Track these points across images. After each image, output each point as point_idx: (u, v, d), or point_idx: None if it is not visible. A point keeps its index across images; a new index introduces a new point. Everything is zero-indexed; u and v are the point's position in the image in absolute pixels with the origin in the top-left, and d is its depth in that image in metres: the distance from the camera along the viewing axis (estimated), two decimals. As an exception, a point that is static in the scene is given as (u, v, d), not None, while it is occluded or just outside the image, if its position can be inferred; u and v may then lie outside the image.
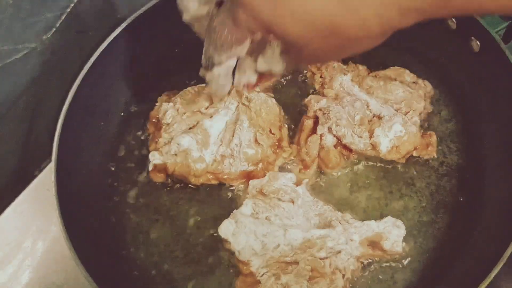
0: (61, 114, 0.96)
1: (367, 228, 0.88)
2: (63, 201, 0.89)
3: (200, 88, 1.05)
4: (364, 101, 0.99)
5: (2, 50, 0.94)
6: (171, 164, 0.97)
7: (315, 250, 0.85)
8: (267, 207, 0.91)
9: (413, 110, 0.98)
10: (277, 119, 1.01)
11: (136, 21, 1.06)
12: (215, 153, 0.97)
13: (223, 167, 0.97)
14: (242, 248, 0.87)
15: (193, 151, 0.96)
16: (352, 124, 0.96)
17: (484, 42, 0.97)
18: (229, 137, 0.98)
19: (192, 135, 0.97)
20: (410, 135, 0.94)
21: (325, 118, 0.98)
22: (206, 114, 1.01)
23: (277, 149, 0.99)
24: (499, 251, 0.79)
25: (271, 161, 0.98)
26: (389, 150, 0.94)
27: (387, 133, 0.94)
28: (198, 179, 0.98)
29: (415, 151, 0.97)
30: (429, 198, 0.96)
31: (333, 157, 0.97)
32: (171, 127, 1.00)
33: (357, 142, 0.95)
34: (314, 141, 0.97)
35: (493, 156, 0.97)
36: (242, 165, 0.97)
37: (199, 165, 0.96)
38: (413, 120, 0.97)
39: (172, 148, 0.97)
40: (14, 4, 0.92)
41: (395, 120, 0.94)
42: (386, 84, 1.01)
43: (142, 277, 0.95)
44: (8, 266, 1.04)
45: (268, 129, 0.99)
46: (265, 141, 0.97)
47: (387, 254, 0.89)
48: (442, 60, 1.08)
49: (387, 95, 1.00)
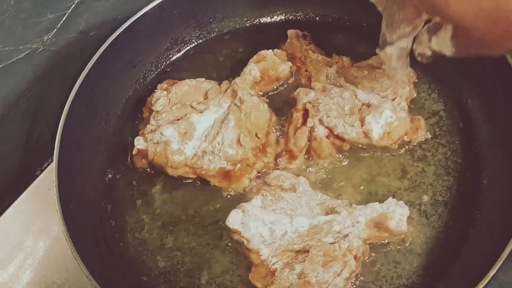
0: (63, 114, 0.96)
1: (371, 210, 0.90)
2: (64, 201, 0.90)
3: (197, 82, 1.06)
4: (352, 91, 1.00)
5: (4, 51, 0.95)
6: (151, 152, 0.98)
7: (322, 235, 0.87)
8: (273, 200, 0.93)
9: (399, 96, 1.00)
10: (265, 124, 1.00)
11: (137, 22, 1.06)
12: (196, 148, 0.98)
13: (202, 163, 0.97)
14: (251, 235, 0.88)
15: (173, 143, 0.97)
16: (343, 114, 0.98)
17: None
18: (214, 134, 0.98)
19: (176, 127, 0.98)
20: (401, 120, 0.96)
21: (314, 110, 0.99)
22: (196, 109, 1.02)
23: (259, 153, 0.99)
24: (498, 250, 0.80)
25: (250, 163, 0.98)
26: (382, 136, 0.96)
27: (378, 120, 0.95)
28: (176, 170, 0.98)
29: (406, 135, 0.99)
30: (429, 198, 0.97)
31: (325, 147, 0.98)
32: (159, 115, 1.01)
33: (349, 132, 0.97)
34: (302, 133, 0.99)
35: (492, 156, 0.97)
36: (221, 163, 0.97)
37: (177, 157, 0.96)
38: (401, 106, 0.99)
39: (155, 136, 0.98)
40: (15, 5, 0.92)
41: (385, 107, 0.96)
42: (370, 73, 1.03)
43: (142, 276, 0.95)
44: (10, 266, 1.05)
45: (254, 133, 0.99)
46: (247, 143, 0.97)
47: (393, 235, 0.90)
48: (441, 60, 1.08)
49: (372, 83, 1.02)
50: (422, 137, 1.01)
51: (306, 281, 0.83)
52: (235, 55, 1.16)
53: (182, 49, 1.19)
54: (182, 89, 1.04)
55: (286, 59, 1.08)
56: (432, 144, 1.01)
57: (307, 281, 0.83)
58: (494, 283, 0.82)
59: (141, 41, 1.11)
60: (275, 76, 1.07)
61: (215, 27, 1.20)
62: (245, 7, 1.19)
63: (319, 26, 1.16)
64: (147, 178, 1.04)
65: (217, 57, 1.17)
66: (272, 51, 1.07)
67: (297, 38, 1.11)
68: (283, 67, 1.07)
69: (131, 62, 1.13)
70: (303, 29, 1.14)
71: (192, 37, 1.19)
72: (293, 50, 1.10)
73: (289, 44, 1.11)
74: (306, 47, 1.09)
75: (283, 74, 1.08)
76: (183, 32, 1.18)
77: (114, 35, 1.04)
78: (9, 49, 0.95)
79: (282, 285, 0.84)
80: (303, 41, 1.10)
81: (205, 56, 1.18)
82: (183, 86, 1.05)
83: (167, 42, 1.17)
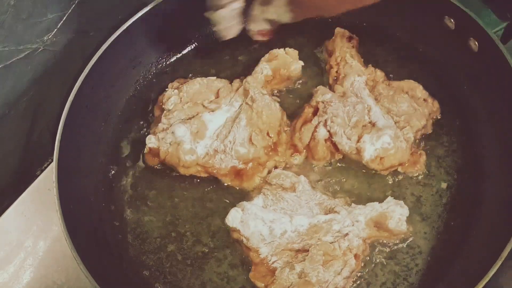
0: (63, 114, 0.97)
1: (371, 209, 0.90)
2: (64, 201, 0.90)
3: (209, 80, 1.05)
4: (368, 106, 0.99)
5: (4, 51, 0.95)
6: (163, 152, 0.99)
7: (322, 235, 0.87)
8: (274, 200, 0.93)
9: (410, 126, 0.97)
10: (277, 123, 1.00)
11: (137, 22, 1.06)
12: (208, 147, 0.98)
13: (214, 162, 0.97)
14: (251, 234, 0.88)
15: (185, 143, 0.97)
16: (346, 125, 0.97)
17: (482, 43, 0.97)
18: (226, 133, 0.99)
19: (188, 126, 0.98)
20: (398, 150, 0.94)
21: (323, 111, 0.99)
22: (208, 108, 1.02)
23: (271, 152, 0.99)
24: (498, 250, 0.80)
25: (262, 162, 0.98)
26: (373, 159, 0.94)
27: (374, 142, 0.93)
28: (187, 170, 0.99)
29: (400, 166, 0.97)
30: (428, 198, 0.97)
31: (320, 150, 0.98)
32: (171, 113, 1.01)
33: (343, 143, 0.96)
34: (307, 129, 0.99)
35: (492, 156, 0.97)
36: (233, 162, 0.97)
37: (189, 156, 0.97)
38: (407, 136, 0.96)
39: (167, 136, 0.98)
40: (15, 5, 0.92)
41: (386, 132, 0.94)
42: (394, 95, 1.00)
43: (142, 276, 0.95)
44: (10, 266, 1.05)
45: (266, 131, 0.99)
46: (259, 142, 0.97)
47: (393, 234, 0.90)
48: (441, 60, 1.09)
49: (391, 105, 0.99)
50: (418, 172, 0.98)
51: (307, 281, 0.83)
52: (235, 55, 1.16)
53: (183, 49, 1.19)
54: (193, 87, 1.04)
55: (297, 58, 1.07)
56: (432, 144, 1.01)
57: (307, 281, 0.83)
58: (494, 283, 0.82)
59: (141, 41, 1.11)
60: (287, 75, 1.07)
61: (215, 27, 1.20)
62: (245, 7, 1.19)
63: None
64: (147, 177, 1.04)
65: (217, 57, 1.17)
66: (283, 50, 1.07)
67: (342, 37, 1.09)
68: (295, 66, 1.07)
69: (131, 62, 1.13)
70: (303, 31, 1.14)
71: (192, 37, 1.19)
72: (333, 48, 1.08)
73: (332, 41, 1.09)
74: (346, 49, 1.07)
75: (294, 73, 1.08)
76: (183, 32, 1.18)
77: (114, 35, 1.04)
78: (9, 49, 0.95)
79: (283, 284, 0.84)
80: (346, 42, 1.08)
81: (205, 56, 1.18)
82: (194, 84, 1.05)
83: (168, 42, 1.17)
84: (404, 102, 0.99)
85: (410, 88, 1.03)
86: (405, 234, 0.91)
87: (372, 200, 0.93)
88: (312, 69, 1.11)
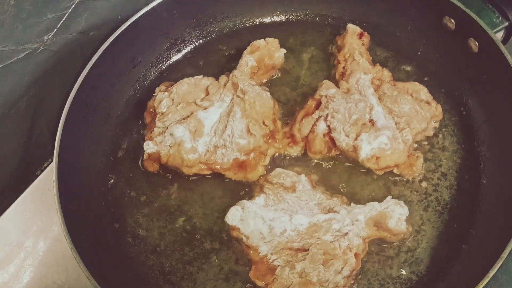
0: (63, 114, 0.96)
1: (370, 208, 0.90)
2: (64, 201, 0.90)
3: (196, 79, 1.06)
4: (370, 104, 0.99)
5: (4, 51, 0.95)
6: (164, 155, 0.98)
7: (322, 234, 0.87)
8: (275, 200, 0.93)
9: (410, 129, 0.97)
10: (270, 112, 1.02)
11: (137, 22, 1.06)
12: (208, 144, 0.98)
13: (216, 158, 0.98)
14: (250, 232, 0.88)
15: (186, 142, 0.97)
16: (346, 121, 0.97)
17: (482, 43, 0.97)
18: (222, 128, 0.99)
19: (186, 125, 0.98)
20: (395, 151, 0.94)
21: (325, 105, 0.99)
22: (200, 106, 1.02)
23: (270, 140, 1.00)
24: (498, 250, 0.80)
25: (263, 150, 0.99)
26: (369, 158, 0.94)
27: (371, 141, 0.94)
28: (191, 169, 0.99)
29: (396, 168, 0.97)
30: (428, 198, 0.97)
31: (317, 143, 0.98)
32: (165, 116, 1.01)
33: (341, 139, 0.96)
34: (308, 121, 1.00)
35: (492, 156, 0.97)
36: (235, 155, 0.98)
37: (191, 155, 0.97)
38: (405, 138, 0.96)
39: (166, 139, 0.98)
40: (15, 5, 0.92)
41: (384, 132, 0.94)
42: (398, 96, 1.00)
43: (142, 276, 0.95)
44: (10, 266, 1.05)
45: (262, 121, 1.00)
46: (257, 131, 0.98)
47: (392, 234, 0.90)
48: (441, 61, 1.09)
49: (393, 106, 0.99)
50: (413, 175, 0.98)
51: (308, 280, 0.83)
52: (236, 55, 1.16)
53: (182, 49, 1.19)
54: (182, 88, 1.05)
55: (278, 46, 1.10)
56: (432, 144, 1.01)
57: (308, 280, 0.83)
58: (494, 283, 0.82)
59: (141, 41, 1.11)
60: (271, 64, 1.09)
61: (215, 27, 1.20)
62: (245, 7, 1.19)
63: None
64: (147, 178, 1.04)
65: (217, 57, 1.17)
66: (264, 40, 1.09)
67: (353, 34, 1.09)
68: (278, 54, 1.09)
69: (131, 62, 1.13)
70: (301, 29, 1.14)
71: (192, 37, 1.19)
72: (343, 44, 1.09)
73: (343, 37, 1.10)
74: (355, 46, 1.07)
75: (278, 61, 1.10)
76: (183, 32, 1.18)
77: (114, 35, 1.04)
78: (9, 49, 0.95)
79: (283, 284, 0.84)
80: (357, 39, 1.08)
81: (205, 56, 1.18)
82: (182, 85, 1.05)
83: (167, 42, 1.17)
84: (407, 103, 0.99)
85: (415, 90, 1.02)
86: (404, 234, 0.91)
87: (371, 200, 0.93)
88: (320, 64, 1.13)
